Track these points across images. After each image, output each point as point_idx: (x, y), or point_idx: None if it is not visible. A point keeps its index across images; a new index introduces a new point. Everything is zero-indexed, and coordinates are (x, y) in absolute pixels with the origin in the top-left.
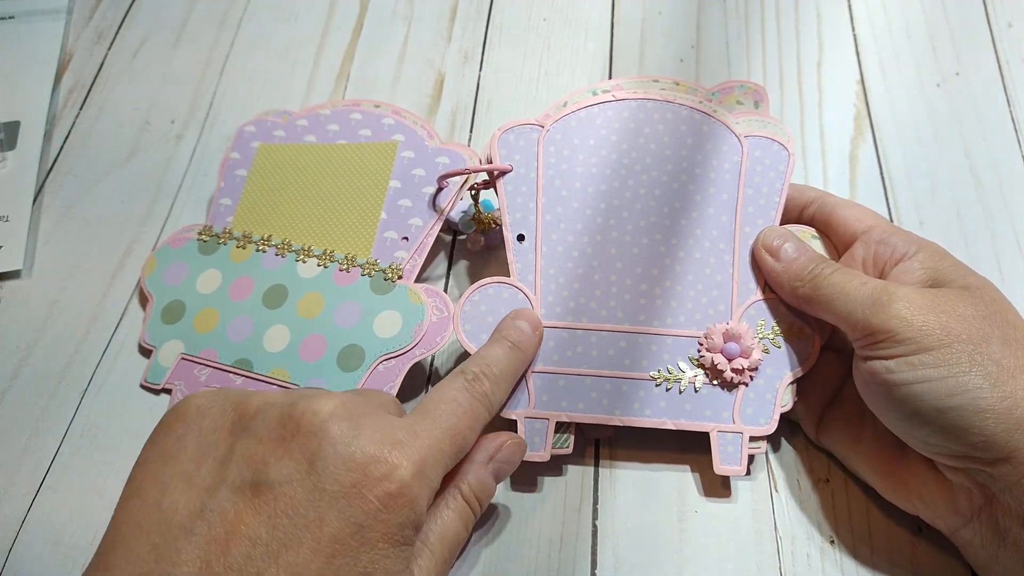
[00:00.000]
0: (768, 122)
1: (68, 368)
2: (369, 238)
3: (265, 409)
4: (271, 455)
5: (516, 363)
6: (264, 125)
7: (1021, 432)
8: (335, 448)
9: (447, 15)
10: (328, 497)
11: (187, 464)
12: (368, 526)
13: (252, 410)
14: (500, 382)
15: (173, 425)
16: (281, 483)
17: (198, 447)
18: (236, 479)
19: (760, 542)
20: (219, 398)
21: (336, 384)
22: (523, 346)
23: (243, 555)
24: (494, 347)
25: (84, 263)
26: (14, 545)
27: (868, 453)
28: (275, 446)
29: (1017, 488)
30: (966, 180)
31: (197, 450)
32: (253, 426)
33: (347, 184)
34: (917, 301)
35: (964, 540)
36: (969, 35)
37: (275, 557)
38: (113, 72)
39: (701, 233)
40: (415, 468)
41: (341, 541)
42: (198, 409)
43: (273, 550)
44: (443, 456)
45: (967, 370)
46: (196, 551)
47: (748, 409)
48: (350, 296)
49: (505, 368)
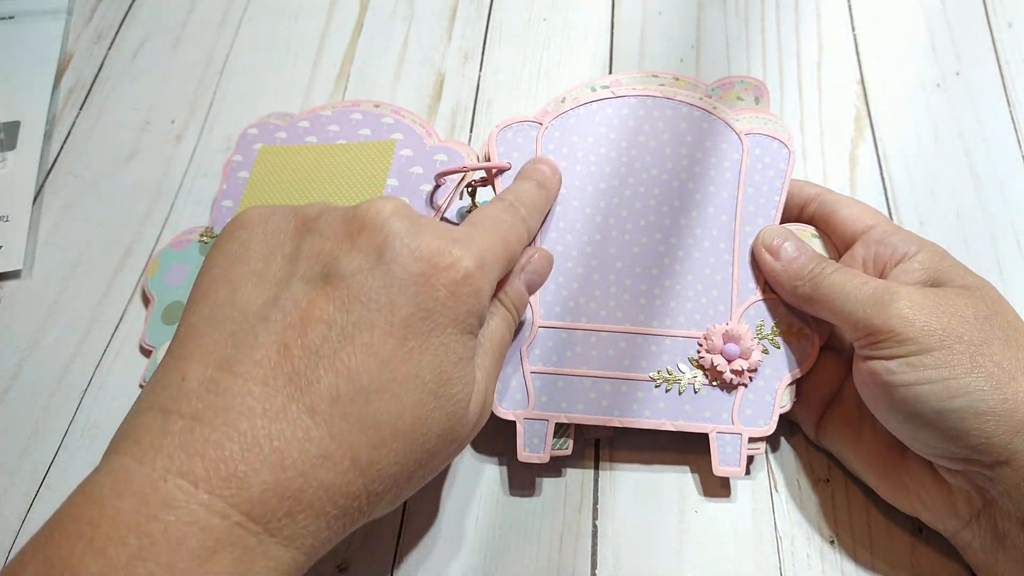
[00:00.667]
0: (768, 119)
1: (68, 368)
2: None
3: (327, 211)
4: (339, 249)
5: (543, 199)
6: (267, 127)
7: (1021, 435)
8: (401, 240)
9: (447, 15)
10: (398, 284)
11: (256, 263)
12: (437, 312)
13: (314, 214)
14: (534, 211)
15: (236, 232)
16: (352, 273)
17: (265, 248)
18: (307, 272)
19: (760, 542)
20: (278, 208)
21: None
22: (548, 185)
23: (320, 337)
24: (522, 183)
25: (84, 263)
26: (14, 545)
27: (867, 454)
28: (342, 241)
29: (1016, 491)
30: (966, 180)
31: (264, 250)
32: (318, 226)
33: (345, 183)
34: (919, 301)
35: (963, 542)
36: (969, 35)
37: (351, 339)
38: (113, 72)
39: (701, 232)
40: (477, 261)
41: (412, 325)
42: (260, 216)
43: (348, 332)
44: (497, 260)
45: (968, 372)
46: (273, 336)
47: (747, 410)
48: None
49: (536, 200)
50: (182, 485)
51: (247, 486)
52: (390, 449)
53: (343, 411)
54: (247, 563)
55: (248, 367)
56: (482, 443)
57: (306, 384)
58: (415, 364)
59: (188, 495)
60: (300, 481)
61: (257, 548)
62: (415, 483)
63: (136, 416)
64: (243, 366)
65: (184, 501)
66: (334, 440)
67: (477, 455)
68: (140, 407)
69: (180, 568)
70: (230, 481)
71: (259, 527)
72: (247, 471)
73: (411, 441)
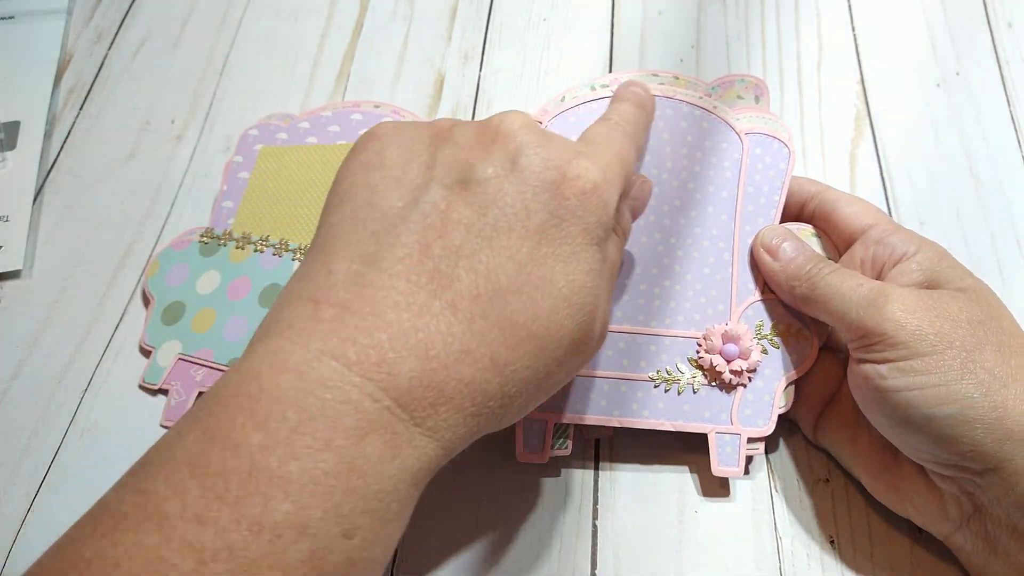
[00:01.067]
0: (769, 119)
1: (68, 368)
2: None
3: (460, 123)
4: (475, 157)
5: (643, 119)
6: (267, 128)
7: (1010, 443)
8: (534, 150)
9: (447, 15)
10: (531, 190)
11: (393, 170)
12: (568, 219)
13: (447, 126)
14: (637, 129)
15: (370, 143)
16: (488, 179)
17: (400, 155)
18: (444, 178)
19: (760, 542)
20: (408, 122)
21: None
22: (644, 105)
23: (459, 238)
24: (620, 104)
25: (84, 263)
26: (14, 545)
27: (863, 455)
28: (477, 150)
29: (1005, 499)
30: (966, 180)
31: (400, 158)
32: (452, 136)
33: None
34: (912, 303)
35: (956, 546)
36: (969, 35)
37: (488, 240)
38: (113, 72)
39: (700, 232)
40: (601, 173)
41: (545, 231)
42: (393, 128)
43: (486, 234)
44: (617, 175)
45: (959, 378)
46: (414, 235)
47: (746, 410)
48: None
49: (638, 118)
50: (336, 367)
51: (396, 372)
52: (525, 351)
53: (483, 309)
54: (395, 447)
55: (391, 263)
56: (482, 443)
57: (447, 281)
58: (549, 269)
59: (342, 376)
60: (444, 373)
61: (404, 434)
62: (543, 392)
63: (287, 305)
64: (387, 262)
65: (339, 381)
66: (474, 337)
67: (477, 455)
68: (289, 297)
69: (336, 445)
70: (380, 366)
71: (406, 415)
72: (395, 358)
73: (544, 345)
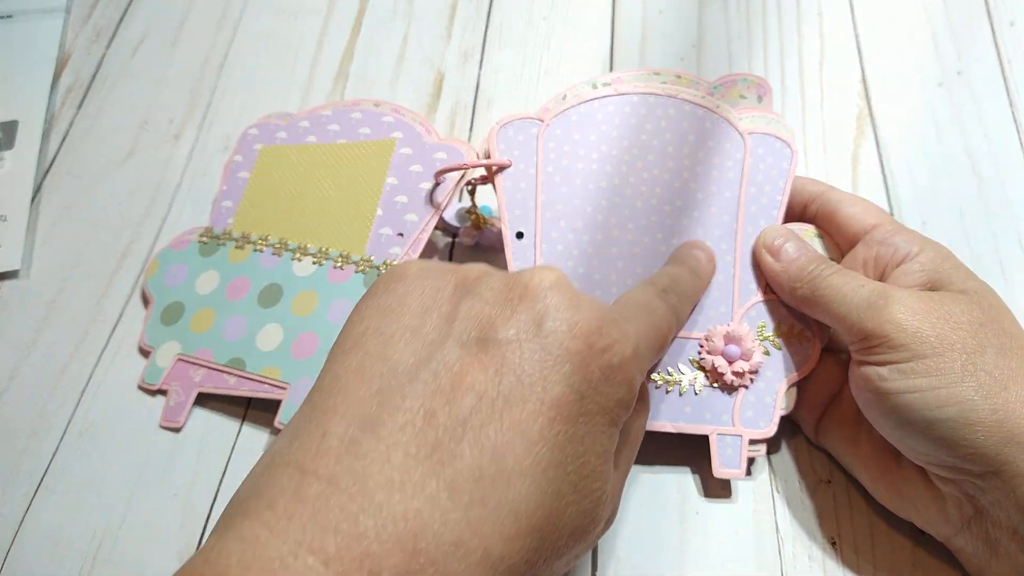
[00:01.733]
0: (771, 118)
1: (66, 368)
2: (364, 235)
3: (488, 274)
4: (498, 315)
5: (697, 287)
6: (267, 127)
7: (1011, 446)
8: (561, 314)
9: (447, 14)
10: (554, 360)
11: (411, 319)
12: (588, 397)
13: (474, 275)
14: (685, 300)
15: (393, 284)
16: (509, 342)
17: (422, 304)
18: (463, 335)
19: (761, 543)
20: (436, 264)
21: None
22: (701, 273)
23: (468, 407)
24: (675, 267)
25: (82, 263)
26: (13, 545)
27: (864, 457)
28: (502, 307)
29: (1006, 501)
30: (968, 179)
31: (421, 307)
32: (478, 289)
33: (344, 182)
34: (913, 305)
35: (957, 548)
36: (971, 34)
37: (500, 413)
38: (111, 71)
39: (703, 232)
40: (633, 348)
41: (563, 407)
42: (419, 270)
43: (498, 406)
44: (650, 348)
45: (959, 380)
46: (421, 399)
47: (748, 412)
48: (343, 293)
49: (689, 287)
50: (312, 564)
51: (377, 570)
52: (523, 544)
53: (483, 494)
54: None
55: (391, 431)
56: None
57: (448, 458)
58: (561, 451)
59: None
60: (430, 570)
61: None
62: None
63: (271, 471)
64: (386, 429)
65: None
66: (470, 526)
67: None
68: (276, 460)
69: None
70: (362, 563)
71: None
72: (379, 552)
73: (544, 537)
